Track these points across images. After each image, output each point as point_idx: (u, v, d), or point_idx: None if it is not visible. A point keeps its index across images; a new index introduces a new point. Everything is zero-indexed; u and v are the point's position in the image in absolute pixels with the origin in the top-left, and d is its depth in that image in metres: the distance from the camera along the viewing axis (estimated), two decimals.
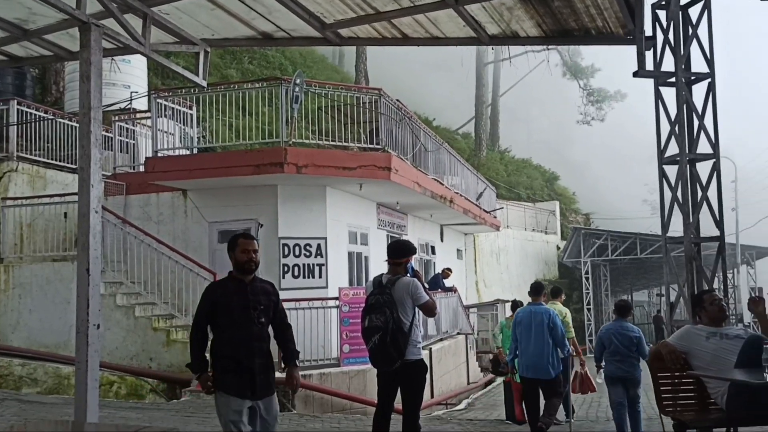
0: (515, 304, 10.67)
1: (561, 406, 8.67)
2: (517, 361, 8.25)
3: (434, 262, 20.06)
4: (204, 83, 7.01)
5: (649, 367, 5.93)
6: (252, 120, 13.42)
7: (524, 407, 8.83)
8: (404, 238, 16.76)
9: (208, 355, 4.79)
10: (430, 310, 5.88)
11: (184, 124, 13.70)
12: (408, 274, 6.02)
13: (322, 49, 35.68)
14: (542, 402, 8.07)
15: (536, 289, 8.48)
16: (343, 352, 11.46)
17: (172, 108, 13.24)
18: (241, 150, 12.91)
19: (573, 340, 9.61)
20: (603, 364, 7.89)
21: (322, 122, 13.29)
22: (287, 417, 9.55)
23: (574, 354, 9.24)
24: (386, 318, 5.68)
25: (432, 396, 13.67)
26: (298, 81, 12.09)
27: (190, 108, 13.71)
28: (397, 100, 14.02)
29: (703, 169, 6.39)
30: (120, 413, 8.86)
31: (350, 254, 13.97)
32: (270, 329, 4.94)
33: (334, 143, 12.74)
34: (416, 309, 5.84)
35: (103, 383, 10.20)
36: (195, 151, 13.92)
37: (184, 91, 13.37)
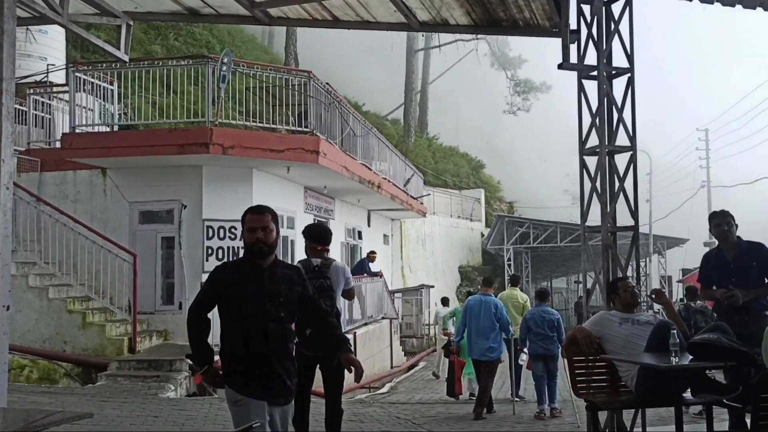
0: (444, 300, 13.21)
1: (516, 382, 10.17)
2: (464, 343, 9.61)
3: (361, 247, 20.11)
4: (126, 58, 6.76)
5: (564, 352, 6.13)
6: (177, 98, 13.06)
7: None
8: (332, 222, 16.75)
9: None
10: (353, 295, 5.95)
11: (104, 100, 13.20)
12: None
13: (251, 28, 35.04)
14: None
15: (488, 282, 10.16)
16: None
17: (92, 82, 12.74)
18: (164, 129, 12.58)
19: None
20: (527, 344, 9.24)
21: (249, 103, 13.07)
22: (208, 401, 9.42)
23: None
24: (333, 302, 5.73)
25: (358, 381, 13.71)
26: (225, 60, 11.83)
27: (111, 83, 13.22)
28: (327, 84, 13.92)
29: (621, 160, 6.62)
30: (31, 398, 8.53)
31: None
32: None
33: (261, 125, 12.56)
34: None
35: (13, 367, 9.78)
36: (116, 128, 13.47)
37: (104, 65, 12.88)
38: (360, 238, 20.37)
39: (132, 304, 11.21)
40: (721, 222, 5.84)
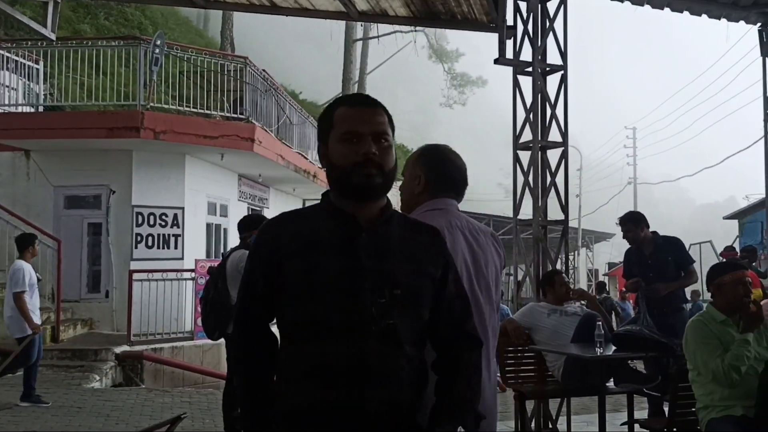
0: None
1: None
2: None
3: None
4: (53, 36, 6.51)
5: None
6: (107, 80, 12.64)
7: None
8: (266, 211, 16.56)
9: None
10: None
11: (29, 80, 12.68)
12: None
13: (186, 11, 34.17)
14: None
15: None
16: (197, 326, 11.18)
17: (16, 60, 12.21)
18: (93, 111, 12.16)
19: None
20: None
21: (183, 88, 12.76)
22: (134, 392, 9.20)
23: None
24: (208, 288, 5.64)
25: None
26: (158, 42, 11.52)
27: (37, 62, 12.69)
28: (264, 70, 13.73)
29: (553, 156, 6.77)
30: None
31: (208, 226, 13.61)
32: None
33: (195, 110, 12.29)
34: None
35: None
36: (41, 108, 12.96)
37: (30, 43, 12.36)
38: None
39: (56, 292, 10.83)
40: (622, 230, 6.18)
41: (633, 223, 6.08)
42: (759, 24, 8.06)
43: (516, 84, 6.62)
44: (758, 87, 8.83)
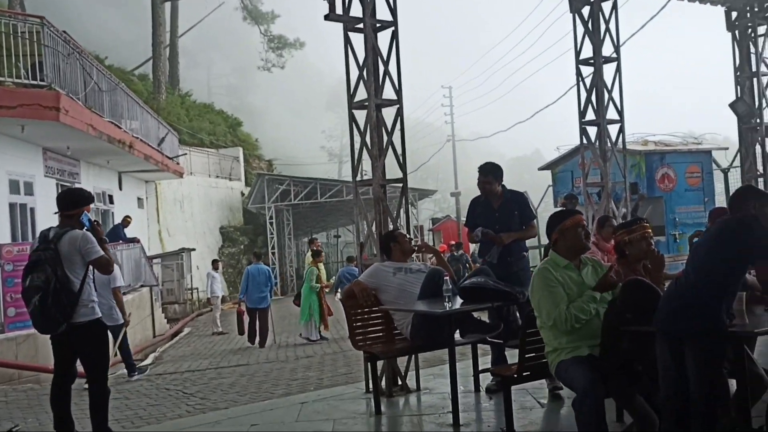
0: (257, 255, 15.51)
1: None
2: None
3: (113, 212, 18.66)
4: None
5: (343, 306, 6.16)
6: None
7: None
8: (77, 186, 15.23)
9: None
10: (104, 266, 5.21)
11: None
12: (85, 228, 5.33)
13: None
14: None
15: (257, 256, 15.39)
16: (7, 316, 10.13)
17: None
18: None
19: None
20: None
21: None
22: None
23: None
24: (48, 277, 4.96)
25: (116, 354, 12.81)
26: None
27: None
28: (65, 32, 12.44)
29: (387, 114, 6.69)
30: None
31: (12, 206, 12.29)
32: None
33: None
34: (89, 266, 5.19)
35: None
36: None
37: None
38: (111, 202, 18.85)
39: None
40: (481, 180, 6.14)
41: (494, 175, 6.09)
42: None
43: (347, 41, 6.44)
44: (564, 43, 9.38)
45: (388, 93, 6.52)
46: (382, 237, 6.09)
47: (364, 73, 6.31)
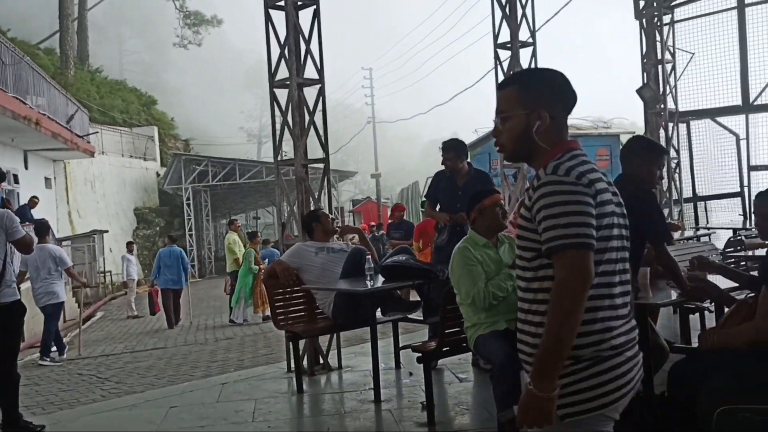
0: (171, 238, 15.80)
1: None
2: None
3: (18, 193, 17.81)
4: None
5: (264, 286, 6.13)
6: None
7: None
8: None
9: None
10: (27, 246, 5.13)
11: None
12: None
13: None
14: None
15: (171, 239, 15.63)
16: None
17: None
18: None
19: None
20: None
21: None
22: None
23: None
24: None
25: (23, 339, 12.31)
26: None
27: None
28: None
29: (309, 94, 6.64)
30: None
31: None
32: None
33: None
34: (9, 245, 5.02)
35: None
36: None
37: None
38: (17, 182, 17.98)
39: None
40: (445, 156, 6.01)
41: (455, 152, 6.00)
42: None
43: (268, 18, 6.35)
44: (484, 26, 9.54)
45: (310, 73, 6.48)
46: (305, 216, 6.08)
47: (286, 51, 6.24)
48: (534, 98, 2.06)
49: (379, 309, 5.88)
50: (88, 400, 7.05)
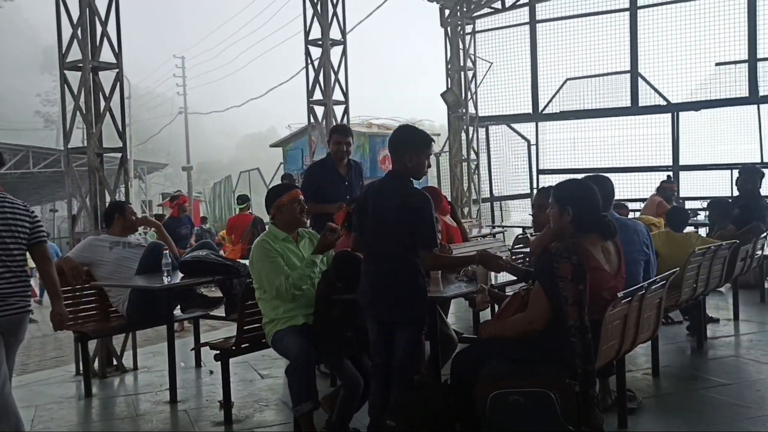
0: None
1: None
2: None
3: None
4: None
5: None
6: None
7: None
8: None
9: None
10: None
11: None
12: None
13: None
14: None
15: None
16: None
17: None
18: None
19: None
20: None
21: None
22: None
23: None
24: None
25: None
26: None
27: None
28: None
29: (105, 79, 6.24)
30: None
31: None
32: None
33: None
34: None
35: None
36: None
37: None
38: None
39: None
40: (346, 141, 5.70)
41: (352, 137, 5.79)
42: None
43: None
44: (298, 23, 9.54)
45: (108, 57, 6.10)
46: (109, 206, 5.72)
47: (78, 32, 5.82)
48: None
49: (179, 306, 5.70)
50: None
